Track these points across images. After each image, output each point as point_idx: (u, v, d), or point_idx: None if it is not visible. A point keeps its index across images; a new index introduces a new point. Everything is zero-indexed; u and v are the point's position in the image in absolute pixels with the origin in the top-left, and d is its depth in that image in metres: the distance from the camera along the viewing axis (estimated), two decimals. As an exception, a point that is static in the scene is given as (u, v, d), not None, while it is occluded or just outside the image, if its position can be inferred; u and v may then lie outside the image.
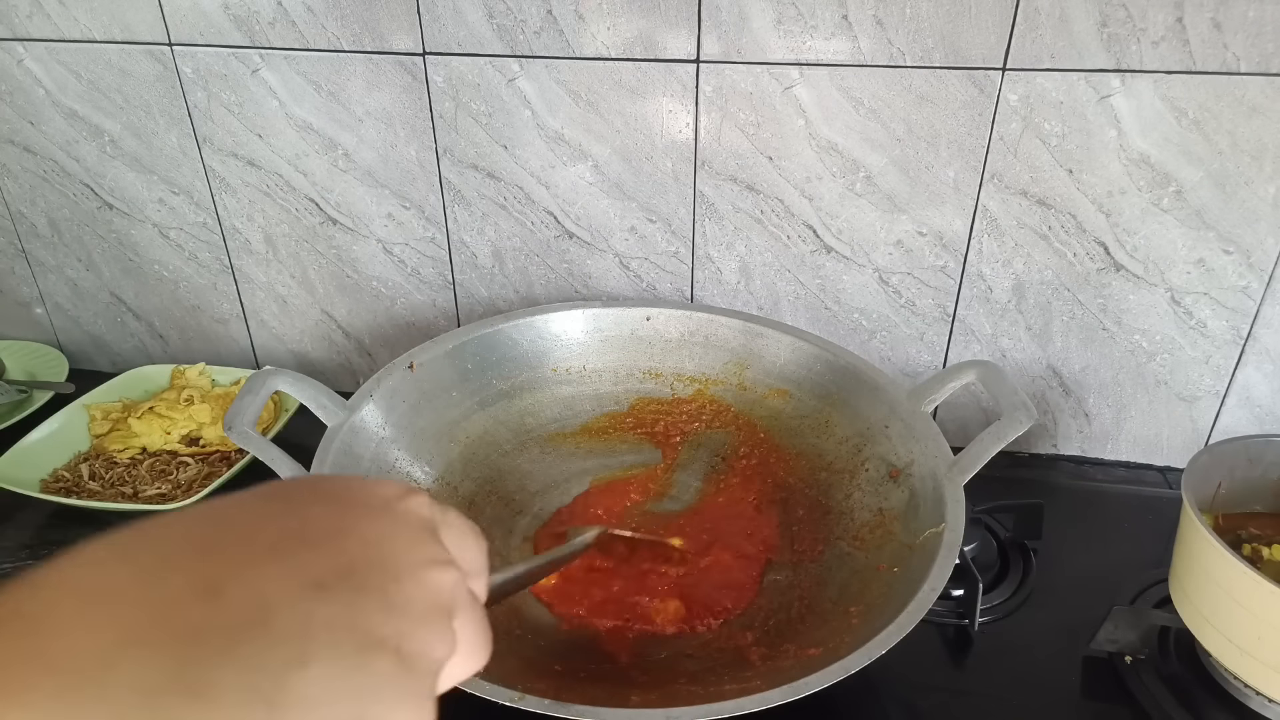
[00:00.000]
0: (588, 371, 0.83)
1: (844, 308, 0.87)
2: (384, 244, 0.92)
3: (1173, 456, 0.87)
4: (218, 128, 0.88)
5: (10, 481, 0.80)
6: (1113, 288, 0.80)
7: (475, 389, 0.79)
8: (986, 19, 0.71)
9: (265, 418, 0.89)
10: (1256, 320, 0.79)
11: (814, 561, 0.69)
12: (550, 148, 0.84)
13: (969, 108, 0.75)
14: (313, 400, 0.68)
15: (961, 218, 0.80)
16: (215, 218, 0.94)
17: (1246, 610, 0.55)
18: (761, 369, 0.80)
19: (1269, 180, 0.73)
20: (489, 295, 0.94)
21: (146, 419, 0.89)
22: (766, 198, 0.82)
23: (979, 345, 0.86)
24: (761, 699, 0.49)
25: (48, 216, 0.98)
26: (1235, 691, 0.62)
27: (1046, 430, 0.89)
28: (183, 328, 1.03)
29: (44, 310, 1.05)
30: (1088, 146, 0.74)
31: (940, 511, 0.62)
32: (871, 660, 0.51)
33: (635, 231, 0.87)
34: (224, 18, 0.82)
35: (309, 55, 0.83)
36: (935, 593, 0.55)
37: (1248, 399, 0.83)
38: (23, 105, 0.91)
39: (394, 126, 0.85)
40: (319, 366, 1.02)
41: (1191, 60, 0.69)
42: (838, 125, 0.77)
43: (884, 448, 0.71)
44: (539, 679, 0.57)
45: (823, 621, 0.63)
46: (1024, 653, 0.68)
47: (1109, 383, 0.85)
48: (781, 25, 0.74)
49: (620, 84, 0.79)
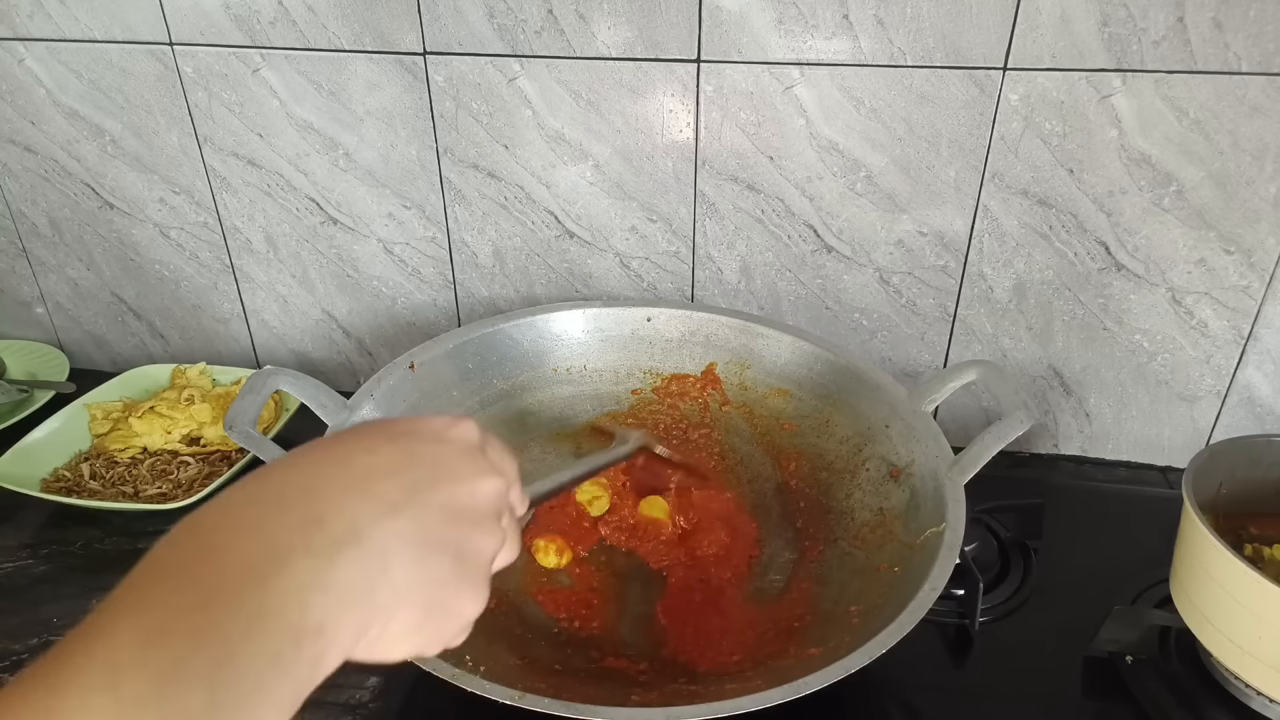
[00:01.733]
0: (588, 371, 0.83)
1: (845, 307, 0.87)
2: (385, 243, 0.92)
3: (1174, 456, 0.87)
4: (218, 127, 0.88)
5: (11, 481, 0.80)
6: (1114, 287, 0.80)
7: (476, 389, 0.79)
8: (987, 19, 0.71)
9: (266, 417, 0.89)
10: (1257, 320, 0.79)
11: (814, 561, 0.69)
12: (551, 147, 0.83)
13: (970, 107, 0.75)
14: (313, 400, 0.69)
15: (962, 217, 0.80)
16: (216, 217, 0.94)
17: (1247, 610, 0.55)
18: (762, 369, 0.80)
19: (1270, 180, 0.73)
20: (489, 295, 0.94)
21: (147, 418, 0.89)
22: (767, 197, 0.82)
23: (980, 345, 0.86)
24: (761, 698, 0.49)
25: (49, 216, 0.98)
26: (1236, 691, 0.61)
27: (1047, 430, 0.89)
28: (183, 327, 1.03)
29: (45, 310, 1.05)
30: (1089, 146, 0.74)
31: (941, 511, 0.62)
32: (872, 660, 0.51)
33: (636, 231, 0.87)
34: (225, 17, 0.82)
35: (310, 55, 0.83)
36: (936, 592, 0.55)
37: (1249, 399, 0.83)
38: (24, 105, 0.91)
39: (395, 126, 0.85)
40: (320, 366, 1.02)
41: (1193, 60, 0.69)
42: (838, 125, 0.77)
43: (885, 447, 0.71)
44: (540, 678, 0.57)
45: (823, 621, 0.63)
46: (1025, 653, 0.68)
47: (1110, 382, 0.85)
48: (782, 25, 0.74)
49: (621, 83, 0.79)
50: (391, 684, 0.65)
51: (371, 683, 0.65)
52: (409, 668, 0.52)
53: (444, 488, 0.33)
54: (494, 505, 0.35)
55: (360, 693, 0.64)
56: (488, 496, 0.35)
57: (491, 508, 0.35)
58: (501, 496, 0.36)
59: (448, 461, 0.34)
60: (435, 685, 0.50)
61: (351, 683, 0.65)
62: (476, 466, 0.35)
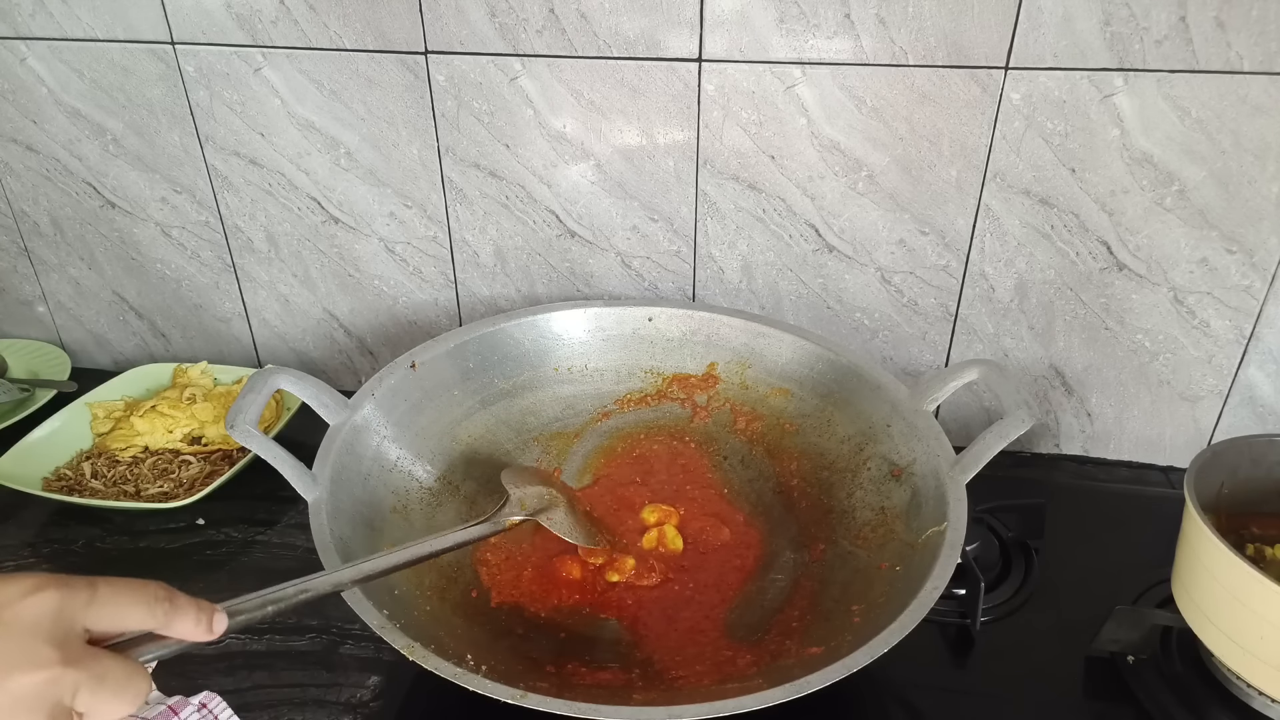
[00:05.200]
0: (590, 371, 0.83)
1: (846, 307, 0.86)
2: (386, 243, 0.92)
3: (1175, 456, 0.87)
4: (220, 126, 0.88)
5: (12, 480, 0.80)
6: (1115, 287, 0.80)
7: (477, 388, 0.79)
8: (989, 18, 0.71)
9: (267, 416, 0.89)
10: (1259, 320, 0.79)
11: (816, 560, 0.69)
12: (552, 146, 0.83)
13: (971, 107, 0.75)
14: (315, 399, 0.69)
15: (964, 217, 0.80)
16: (217, 216, 0.94)
17: (1249, 610, 0.55)
18: (763, 368, 0.80)
19: (1272, 179, 0.73)
20: (491, 294, 0.94)
21: (149, 417, 0.89)
22: (769, 197, 0.82)
23: (981, 344, 0.86)
24: (763, 697, 0.49)
25: (50, 215, 0.98)
26: (1238, 691, 0.61)
27: (1049, 429, 0.89)
28: (185, 326, 1.03)
29: (46, 309, 1.05)
30: (1090, 145, 0.74)
31: (942, 510, 0.62)
32: (873, 659, 0.51)
33: (637, 230, 0.87)
34: (226, 16, 0.82)
35: (311, 54, 0.83)
36: (937, 592, 0.55)
37: (1250, 399, 0.82)
38: (25, 104, 0.91)
39: (396, 125, 0.85)
40: (321, 365, 1.02)
41: (1195, 59, 0.69)
42: (840, 124, 0.77)
43: (886, 446, 0.71)
44: (541, 678, 0.57)
45: (824, 620, 0.63)
46: (1026, 652, 0.68)
47: (1111, 382, 0.85)
48: (784, 24, 0.74)
49: (623, 83, 0.79)
50: (392, 683, 0.65)
51: (372, 682, 0.65)
52: (410, 666, 0.52)
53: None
54: (34, 696, 0.34)
55: (361, 692, 0.64)
56: (24, 690, 0.34)
57: (29, 699, 0.34)
58: (52, 684, 0.34)
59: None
60: (436, 685, 0.50)
61: (352, 682, 0.65)
62: (23, 654, 0.34)
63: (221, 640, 0.43)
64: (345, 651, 0.67)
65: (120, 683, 0.37)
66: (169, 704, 0.61)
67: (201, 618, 0.41)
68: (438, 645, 0.54)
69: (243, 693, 0.63)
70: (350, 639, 0.68)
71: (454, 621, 0.62)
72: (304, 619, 0.70)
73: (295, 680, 0.65)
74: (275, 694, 0.64)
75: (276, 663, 0.67)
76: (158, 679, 0.63)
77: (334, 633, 0.69)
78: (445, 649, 0.54)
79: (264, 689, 0.64)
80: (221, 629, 0.42)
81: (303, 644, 0.68)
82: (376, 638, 0.53)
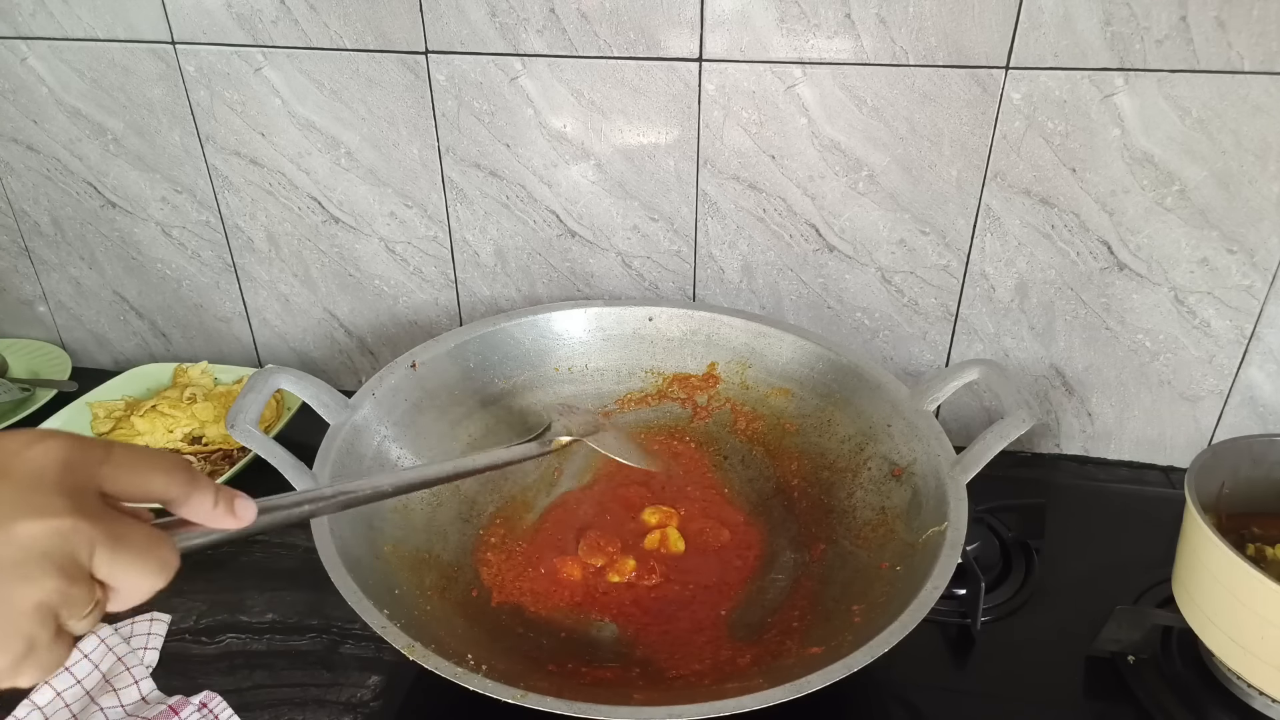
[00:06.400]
0: (590, 370, 0.83)
1: (846, 307, 0.86)
2: (386, 242, 0.92)
3: (1176, 456, 0.87)
4: (220, 126, 0.88)
5: (13, 479, 0.80)
6: (1116, 287, 0.80)
7: (477, 388, 0.79)
8: (990, 17, 0.71)
9: (268, 416, 0.89)
10: (1260, 320, 0.79)
11: (816, 560, 0.69)
12: (552, 146, 0.83)
13: (972, 106, 0.74)
14: (315, 399, 0.69)
15: (964, 217, 0.80)
16: (218, 216, 0.94)
17: (1250, 610, 0.55)
18: (764, 368, 0.80)
19: (1273, 179, 0.73)
20: (491, 294, 0.94)
21: (149, 417, 0.89)
22: (769, 196, 0.82)
23: (982, 344, 0.86)
24: (763, 697, 0.49)
25: (51, 215, 0.98)
26: (1238, 691, 0.61)
27: (1049, 429, 0.89)
28: (185, 326, 1.03)
29: (47, 308, 1.05)
30: (1091, 145, 0.74)
31: (943, 510, 0.62)
32: (873, 659, 0.51)
33: (638, 230, 0.87)
34: (227, 16, 0.82)
35: (312, 54, 0.83)
36: (937, 592, 0.55)
37: (1251, 399, 0.82)
38: (26, 103, 0.91)
39: (396, 125, 0.85)
40: (321, 365, 1.02)
41: (1195, 59, 0.69)
42: (840, 124, 0.77)
43: (886, 446, 0.71)
44: (541, 678, 0.57)
45: (825, 620, 0.63)
46: (1026, 652, 0.68)
47: (1112, 382, 0.85)
48: (784, 24, 0.74)
49: (623, 82, 0.79)
50: (393, 683, 0.65)
51: (373, 682, 0.65)
52: (410, 666, 0.52)
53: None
54: (41, 547, 0.31)
55: (361, 691, 0.64)
56: (31, 538, 0.31)
57: (37, 550, 0.31)
58: (61, 536, 0.32)
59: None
60: (437, 684, 0.50)
61: (352, 681, 0.65)
62: (27, 502, 0.32)
63: (251, 536, 0.41)
64: (345, 651, 0.67)
65: (143, 546, 0.35)
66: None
67: (221, 499, 0.38)
68: (438, 645, 0.54)
69: (243, 693, 0.63)
70: (351, 639, 0.68)
71: (454, 621, 0.62)
72: (304, 619, 0.70)
73: (295, 680, 0.65)
74: (275, 694, 0.64)
75: (277, 662, 0.67)
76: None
77: (334, 632, 0.69)
78: (446, 649, 0.54)
79: (264, 689, 0.64)
80: (249, 516, 0.39)
81: (303, 644, 0.68)
82: (377, 637, 0.53)
